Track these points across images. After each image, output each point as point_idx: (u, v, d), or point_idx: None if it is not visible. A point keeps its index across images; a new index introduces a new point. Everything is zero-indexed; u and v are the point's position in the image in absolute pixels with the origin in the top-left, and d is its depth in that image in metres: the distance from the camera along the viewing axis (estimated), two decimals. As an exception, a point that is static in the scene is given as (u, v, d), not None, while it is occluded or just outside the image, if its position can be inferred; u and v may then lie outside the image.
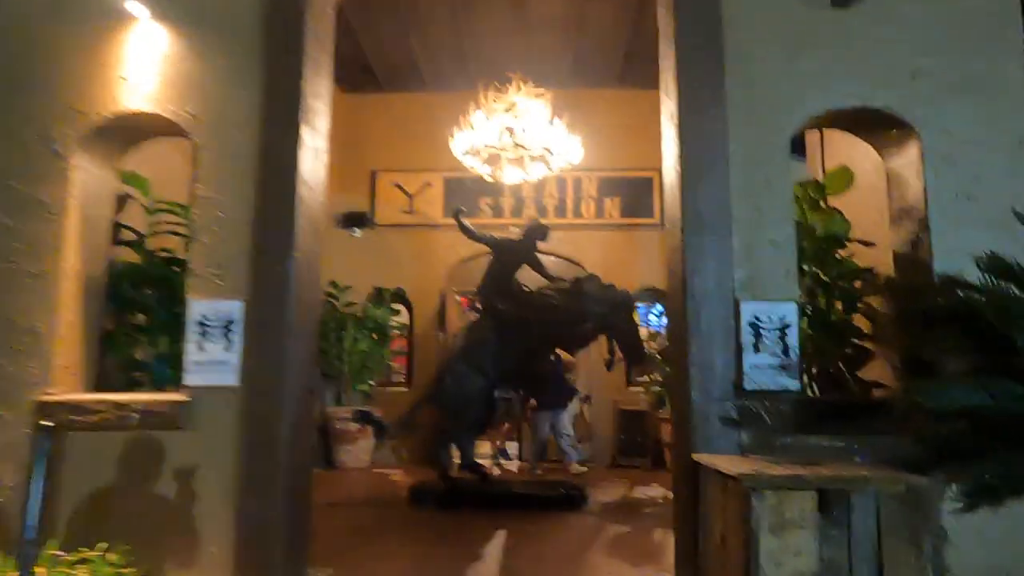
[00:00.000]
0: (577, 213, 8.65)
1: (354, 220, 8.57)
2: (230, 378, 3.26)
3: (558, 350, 6.43)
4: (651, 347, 7.37)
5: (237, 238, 3.37)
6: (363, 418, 5.47)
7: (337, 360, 7.89)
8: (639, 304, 6.62)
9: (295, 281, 3.37)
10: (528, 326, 5.50)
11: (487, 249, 5.92)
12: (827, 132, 4.57)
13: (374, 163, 8.81)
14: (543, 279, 5.89)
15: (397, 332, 8.44)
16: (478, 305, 5.76)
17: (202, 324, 3.30)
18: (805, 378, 3.47)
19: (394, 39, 7.85)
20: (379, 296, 8.42)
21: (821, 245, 3.71)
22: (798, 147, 5.28)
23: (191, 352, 3.29)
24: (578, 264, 8.36)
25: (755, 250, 3.26)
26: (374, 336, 8.17)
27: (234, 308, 3.31)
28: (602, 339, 6.46)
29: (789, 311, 3.21)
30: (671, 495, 6.41)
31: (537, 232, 5.70)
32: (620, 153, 8.65)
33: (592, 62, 8.29)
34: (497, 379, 5.59)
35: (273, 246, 3.35)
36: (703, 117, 3.35)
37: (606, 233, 8.59)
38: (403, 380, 8.60)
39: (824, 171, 4.39)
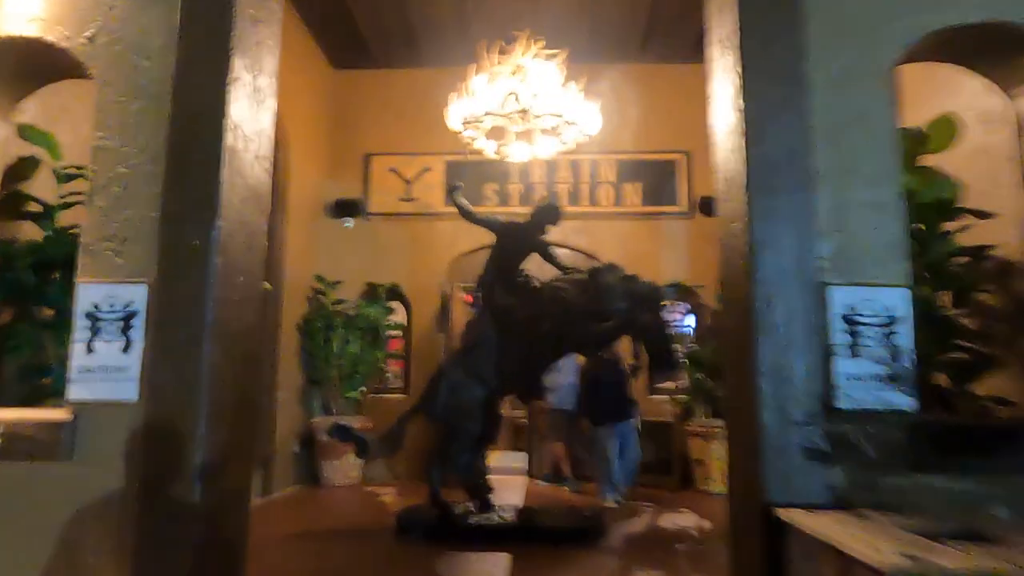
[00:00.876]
0: (593, 200, 7.74)
1: (345, 208, 7.73)
2: (128, 391, 2.40)
3: (574, 353, 5.55)
4: (679, 350, 6.46)
5: (142, 201, 2.51)
6: (341, 433, 4.60)
7: (324, 364, 7.04)
8: (665, 301, 5.69)
9: (220, 260, 2.49)
10: (536, 324, 4.61)
11: (491, 236, 5.03)
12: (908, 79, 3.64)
13: (368, 146, 7.96)
14: (554, 269, 5.00)
15: (393, 333, 7.57)
16: (478, 300, 4.89)
17: (92, 316, 2.44)
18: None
19: (390, 8, 7.01)
20: (372, 293, 7.57)
21: (923, 215, 2.79)
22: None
23: (77, 355, 2.43)
24: (594, 257, 7.46)
25: (848, 214, 2.36)
26: (367, 337, 7.31)
27: (135, 294, 2.45)
28: (623, 340, 5.59)
29: (898, 300, 2.30)
30: (706, 525, 5.74)
31: (548, 214, 4.82)
32: (642, 133, 7.75)
33: (610, 32, 7.40)
34: (500, 387, 4.71)
35: (188, 212, 2.49)
36: (772, 32, 2.45)
37: (626, 222, 7.68)
38: (399, 386, 7.72)
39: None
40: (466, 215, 4.78)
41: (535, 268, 5.07)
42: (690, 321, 7.70)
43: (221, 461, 2.49)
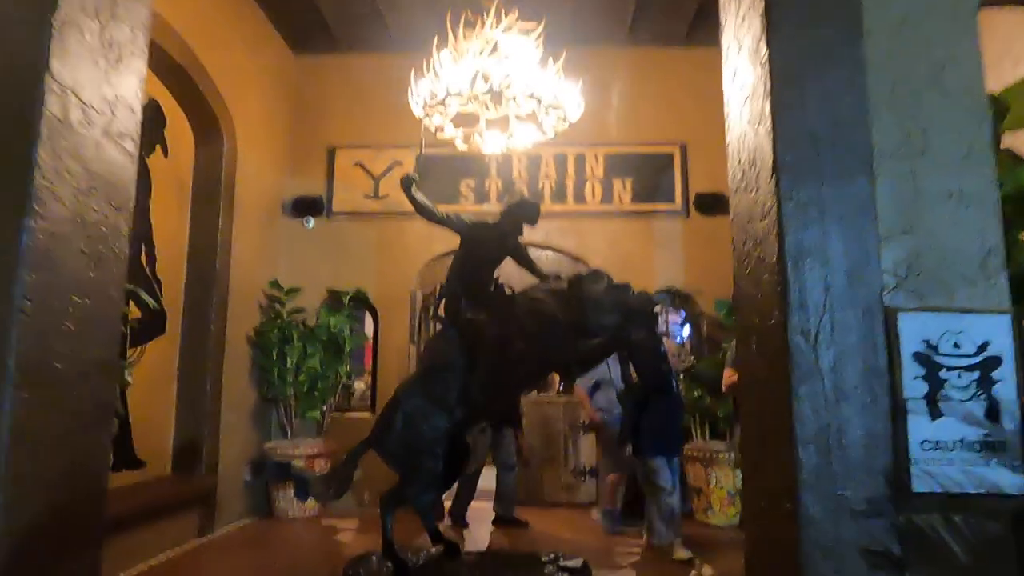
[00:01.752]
0: (580, 198, 7.03)
1: (306, 207, 6.99)
2: None
3: (554, 375, 4.84)
4: (675, 368, 5.75)
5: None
6: (276, 472, 3.86)
7: (280, 380, 6.30)
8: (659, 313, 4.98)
9: (32, 278, 1.77)
10: (510, 343, 3.91)
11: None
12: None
13: (331, 138, 7.23)
14: (532, 277, 4.29)
15: (358, 345, 6.83)
16: (439, 314, 4.18)
17: None
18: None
19: (353, -16, 6.29)
20: (335, 300, 6.83)
21: (1010, 207, 2.09)
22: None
23: None
24: (581, 261, 6.77)
25: (923, 209, 1.66)
26: (328, 350, 6.58)
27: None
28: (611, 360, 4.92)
29: (996, 331, 1.60)
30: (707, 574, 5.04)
31: (523, 212, 4.11)
32: (632, 124, 7.05)
33: (596, 11, 6.70)
34: (466, 416, 3.99)
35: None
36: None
37: (615, 222, 6.97)
38: (366, 404, 6.98)
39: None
40: (423, 212, 4.05)
41: (510, 277, 4.37)
42: (686, 331, 7.01)
43: (33, 565, 1.76)
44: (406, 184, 4.05)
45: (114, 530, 4.35)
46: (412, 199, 4.02)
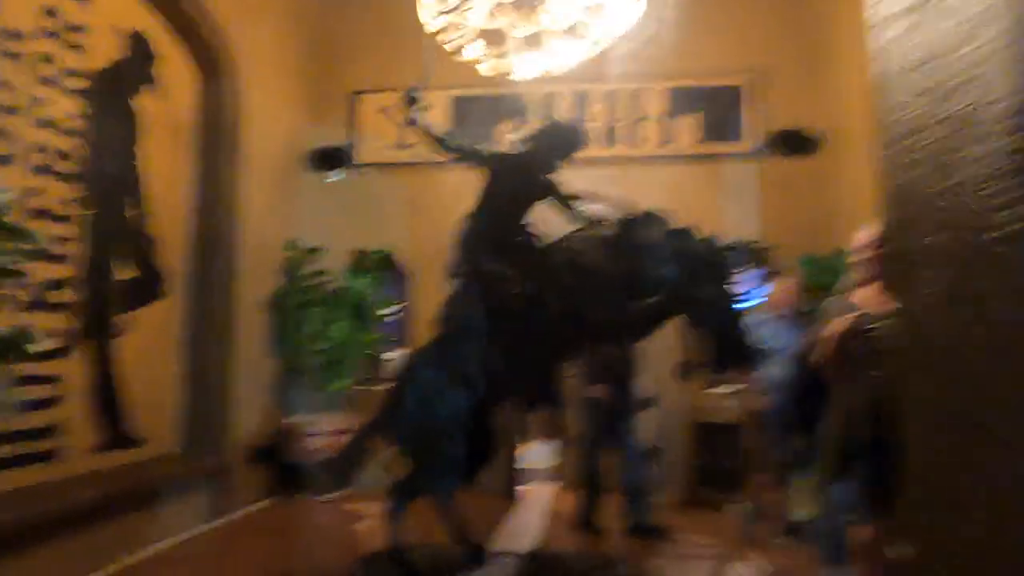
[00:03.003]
0: (635, 140, 6.11)
1: (328, 159, 6.33)
2: None
3: (602, 342, 4.03)
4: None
5: None
6: (262, 457, 3.22)
7: (300, 350, 5.71)
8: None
9: None
10: (544, 303, 3.13)
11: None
12: None
13: (355, 82, 6.51)
14: (570, 222, 3.48)
15: (386, 311, 6.18)
16: (458, 268, 3.42)
17: None
18: None
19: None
20: (361, 262, 6.18)
21: None
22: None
23: None
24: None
25: None
26: (354, 317, 5.95)
27: None
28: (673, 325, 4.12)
29: None
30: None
31: (558, 137, 3.29)
32: (695, 54, 6.04)
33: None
34: (492, 392, 3.25)
35: None
36: None
37: (677, 168, 6.03)
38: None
39: None
40: (433, 141, 3.27)
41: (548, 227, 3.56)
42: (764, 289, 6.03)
43: None
44: (409, 104, 3.26)
45: (108, 514, 3.85)
46: (414, 123, 3.24)
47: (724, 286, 3.09)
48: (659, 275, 3.09)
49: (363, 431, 3.48)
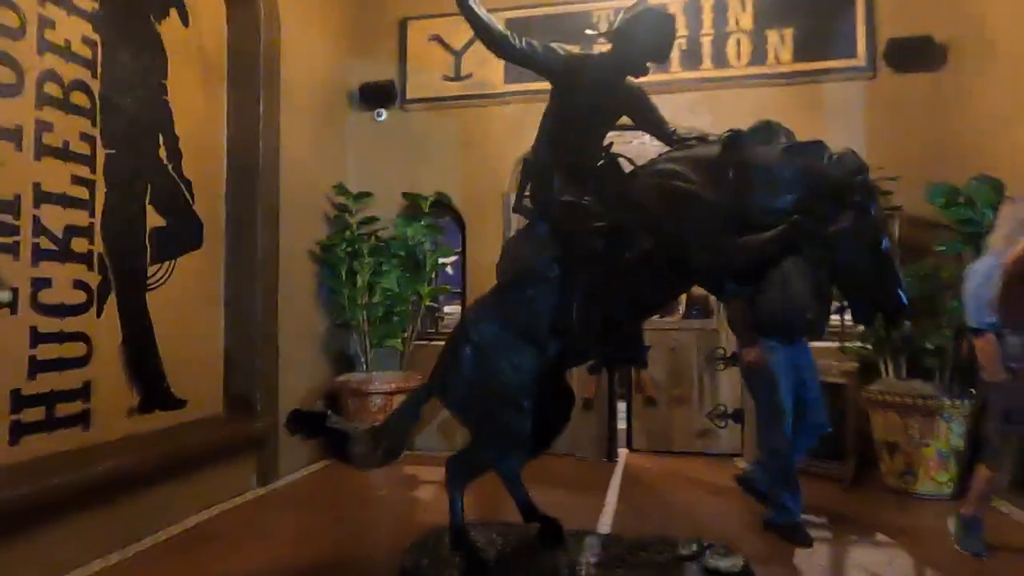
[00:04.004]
0: (720, 60, 5.31)
1: (375, 95, 5.78)
2: None
3: (707, 290, 3.40)
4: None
5: None
6: (299, 425, 2.77)
7: (351, 304, 5.29)
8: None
9: None
10: (626, 240, 2.52)
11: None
12: None
13: (402, 7, 5.90)
14: (662, 140, 2.83)
15: (442, 260, 5.68)
16: (523, 201, 2.82)
17: None
18: None
19: None
20: (413, 207, 5.67)
21: None
22: None
23: None
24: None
25: None
26: (406, 266, 5.48)
27: None
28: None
29: None
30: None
31: (650, 30, 2.61)
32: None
33: None
34: (564, 351, 2.69)
35: None
36: None
37: (769, 89, 5.22)
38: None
39: None
40: (488, 36, 2.63)
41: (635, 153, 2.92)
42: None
43: None
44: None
45: (144, 482, 3.55)
46: (469, 12, 2.61)
47: (864, 217, 2.41)
48: (777, 204, 2.43)
49: (415, 397, 2.99)
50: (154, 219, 3.91)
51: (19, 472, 2.92)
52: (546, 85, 2.83)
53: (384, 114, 5.81)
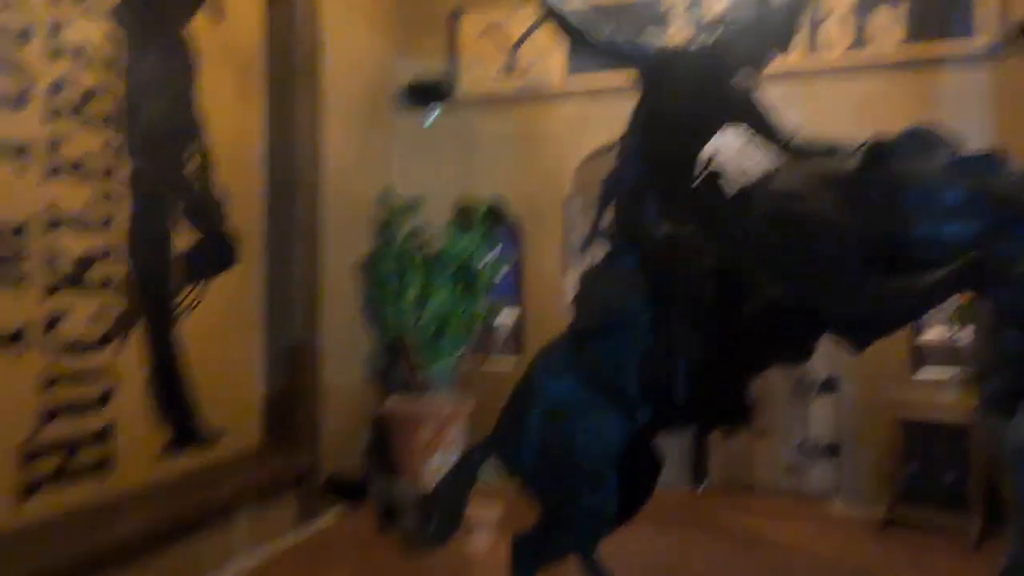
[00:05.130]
0: (814, 47, 4.66)
1: (424, 93, 5.32)
2: None
3: (844, 339, 2.76)
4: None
5: None
6: (335, 490, 2.32)
7: (399, 322, 4.87)
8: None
9: None
10: (740, 280, 1.99)
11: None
12: None
13: (453, -2, 5.42)
14: (775, 154, 2.28)
15: (498, 273, 5.19)
16: (603, 228, 2.30)
17: None
18: None
19: None
20: (465, 216, 5.19)
21: None
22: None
23: None
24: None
25: None
26: (458, 281, 5.02)
27: None
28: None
29: None
30: None
31: (771, 18, 2.06)
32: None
33: None
34: (658, 413, 2.18)
35: None
36: None
37: (873, 79, 4.54)
38: (510, 349, 5.39)
39: None
40: (570, 33, 2.14)
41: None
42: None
43: None
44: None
45: (176, 534, 3.20)
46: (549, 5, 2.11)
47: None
48: (945, 233, 1.86)
49: (471, 458, 2.52)
50: (184, 237, 3.55)
51: (26, 538, 2.58)
52: (611, 80, 2.32)
53: (433, 113, 5.35)
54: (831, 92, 4.58)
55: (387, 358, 5.02)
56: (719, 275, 1.97)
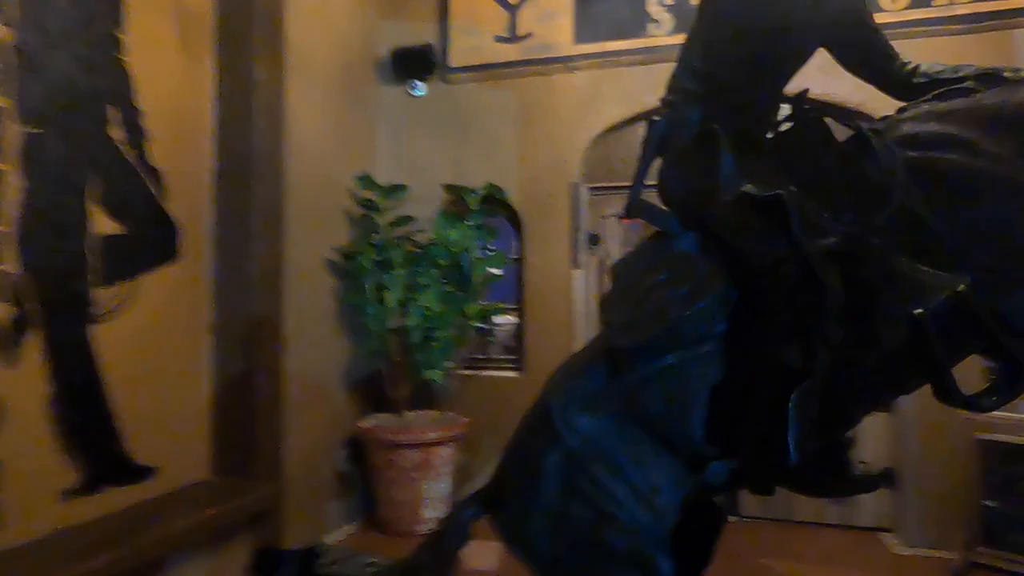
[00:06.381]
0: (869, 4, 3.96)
1: (412, 63, 4.62)
2: None
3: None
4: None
5: None
6: (268, 566, 1.66)
7: (378, 326, 4.16)
8: None
9: None
10: (863, 272, 1.31)
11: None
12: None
13: (444, -47, 4.73)
14: (890, 86, 1.60)
15: (494, 271, 4.50)
16: (645, 204, 1.61)
17: None
18: None
19: None
20: (458, 204, 4.50)
21: None
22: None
23: None
24: (861, 112, 3.76)
25: None
26: (450, 279, 4.33)
27: None
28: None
29: None
30: None
31: None
32: None
33: None
34: (727, 473, 1.48)
35: None
36: None
37: (939, 41, 3.85)
38: (510, 358, 4.69)
39: None
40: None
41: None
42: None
43: None
44: None
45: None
46: None
47: None
48: None
49: (461, 514, 1.81)
50: (105, 224, 2.84)
51: None
52: (626, 45, 1.66)
53: (421, 87, 4.66)
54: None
55: (366, 368, 4.33)
56: (844, 260, 1.28)
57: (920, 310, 1.15)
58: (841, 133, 1.53)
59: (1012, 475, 3.38)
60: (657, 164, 1.62)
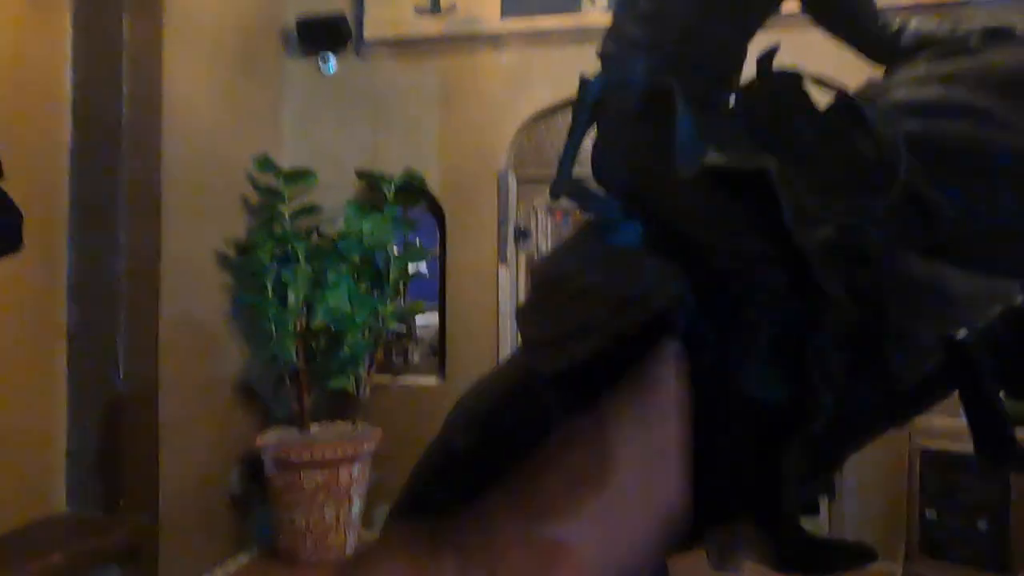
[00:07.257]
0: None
1: (321, 34, 4.14)
2: None
3: None
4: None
5: None
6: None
7: (279, 329, 3.68)
8: None
9: None
10: (887, 267, 0.99)
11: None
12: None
13: (357, -89, 4.26)
14: (871, 48, 1.31)
15: (414, 267, 4.09)
16: (576, 184, 1.27)
17: None
18: None
19: None
20: (372, 192, 4.07)
21: None
22: None
23: None
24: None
25: None
26: (362, 275, 3.90)
27: None
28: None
29: None
30: None
31: None
32: None
33: None
34: (710, 509, 1.17)
35: None
36: None
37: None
38: (429, 366, 4.28)
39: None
40: None
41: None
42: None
43: None
44: None
45: None
46: None
47: None
48: None
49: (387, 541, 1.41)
50: (-88, 206, 2.27)
51: None
52: (558, 22, 1.39)
53: (332, 61, 4.18)
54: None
55: (265, 377, 3.85)
56: (847, 259, 0.96)
57: (963, 330, 0.84)
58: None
59: (952, 485, 3.25)
60: (593, 135, 1.26)
